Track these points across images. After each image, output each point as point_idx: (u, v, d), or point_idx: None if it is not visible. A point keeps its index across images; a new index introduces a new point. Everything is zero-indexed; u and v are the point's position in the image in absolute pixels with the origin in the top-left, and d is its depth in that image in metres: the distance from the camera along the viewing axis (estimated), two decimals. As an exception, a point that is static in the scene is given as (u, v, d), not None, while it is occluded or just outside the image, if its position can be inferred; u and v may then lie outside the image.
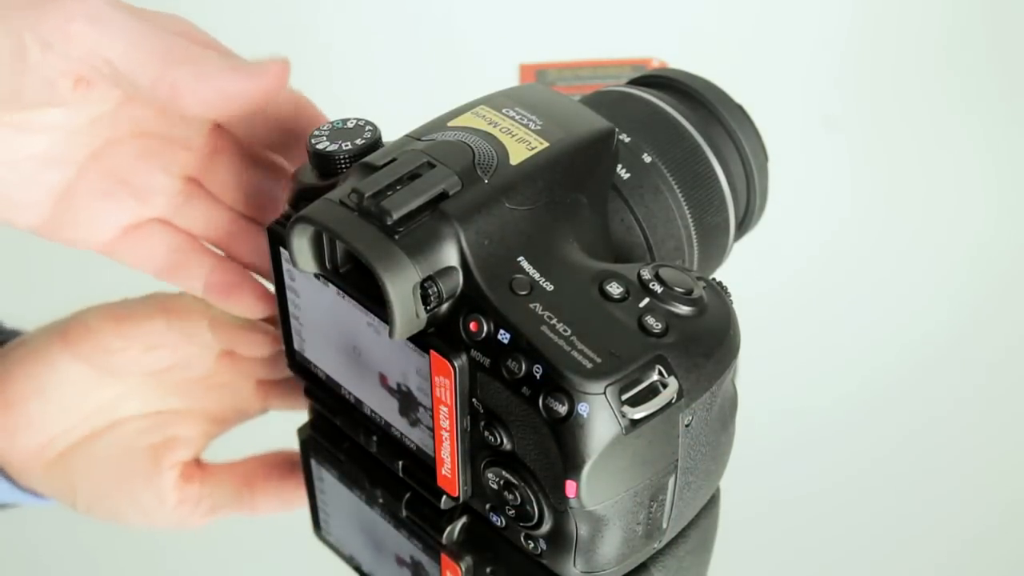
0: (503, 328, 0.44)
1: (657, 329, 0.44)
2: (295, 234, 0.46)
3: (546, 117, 0.48)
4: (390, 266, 0.43)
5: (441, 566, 0.50)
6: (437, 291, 0.44)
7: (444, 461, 0.48)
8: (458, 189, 0.45)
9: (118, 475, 0.54)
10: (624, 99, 0.55)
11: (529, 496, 0.45)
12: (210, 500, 0.54)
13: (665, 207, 0.52)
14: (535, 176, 0.47)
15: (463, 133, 0.47)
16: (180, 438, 0.55)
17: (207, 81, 0.48)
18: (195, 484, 0.54)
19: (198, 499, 0.54)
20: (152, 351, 0.57)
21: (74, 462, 0.54)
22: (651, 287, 0.45)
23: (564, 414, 0.43)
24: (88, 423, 0.55)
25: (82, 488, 0.54)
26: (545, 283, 0.45)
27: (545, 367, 0.43)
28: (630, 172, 0.51)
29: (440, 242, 0.44)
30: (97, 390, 0.56)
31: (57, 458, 0.54)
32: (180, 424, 0.56)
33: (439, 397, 0.46)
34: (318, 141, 0.49)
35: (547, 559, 0.47)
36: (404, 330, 0.44)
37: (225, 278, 0.55)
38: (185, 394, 0.57)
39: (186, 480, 0.54)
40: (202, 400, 0.57)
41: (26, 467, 0.54)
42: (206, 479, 0.54)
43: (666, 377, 0.43)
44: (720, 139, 0.54)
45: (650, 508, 0.46)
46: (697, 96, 0.55)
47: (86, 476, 0.54)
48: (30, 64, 0.47)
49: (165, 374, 0.57)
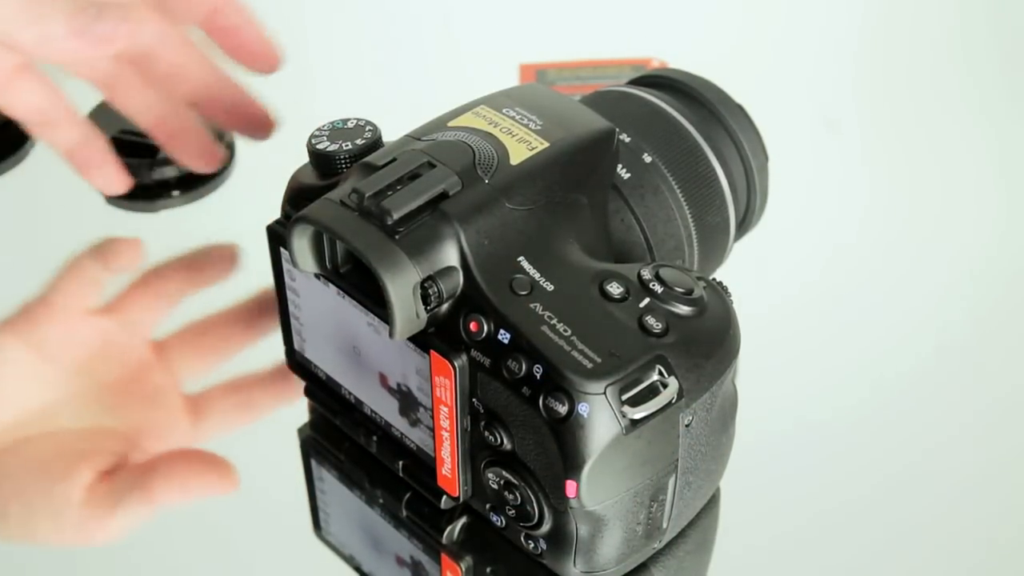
0: (503, 328, 0.44)
1: (657, 329, 0.44)
2: (295, 234, 0.46)
3: (546, 117, 0.48)
4: (390, 266, 0.43)
5: (441, 566, 0.50)
6: (437, 291, 0.44)
7: (444, 461, 0.48)
8: (458, 189, 0.45)
9: (27, 481, 0.53)
10: (624, 99, 0.55)
11: (529, 496, 0.45)
12: (113, 495, 0.52)
13: (665, 207, 0.52)
14: (535, 176, 0.47)
15: (463, 133, 0.47)
16: (102, 451, 0.54)
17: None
18: (102, 484, 0.52)
19: (103, 495, 0.52)
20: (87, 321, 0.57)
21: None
22: (651, 287, 0.45)
23: (564, 414, 0.43)
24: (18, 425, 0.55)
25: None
26: (545, 283, 0.45)
27: (545, 367, 0.43)
28: (630, 172, 0.51)
29: (440, 242, 0.44)
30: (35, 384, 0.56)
31: None
32: (107, 439, 0.55)
33: (439, 397, 0.46)
34: (318, 141, 0.49)
35: (547, 559, 0.47)
36: (404, 330, 0.44)
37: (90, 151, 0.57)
38: (114, 402, 0.56)
39: (94, 483, 0.52)
40: (131, 413, 0.56)
41: None
42: (112, 478, 0.53)
43: (666, 377, 0.43)
44: (720, 139, 0.54)
45: (650, 508, 0.46)
46: (697, 96, 0.55)
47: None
48: None
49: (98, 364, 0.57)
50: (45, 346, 0.58)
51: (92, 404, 0.56)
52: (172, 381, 0.57)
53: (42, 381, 0.57)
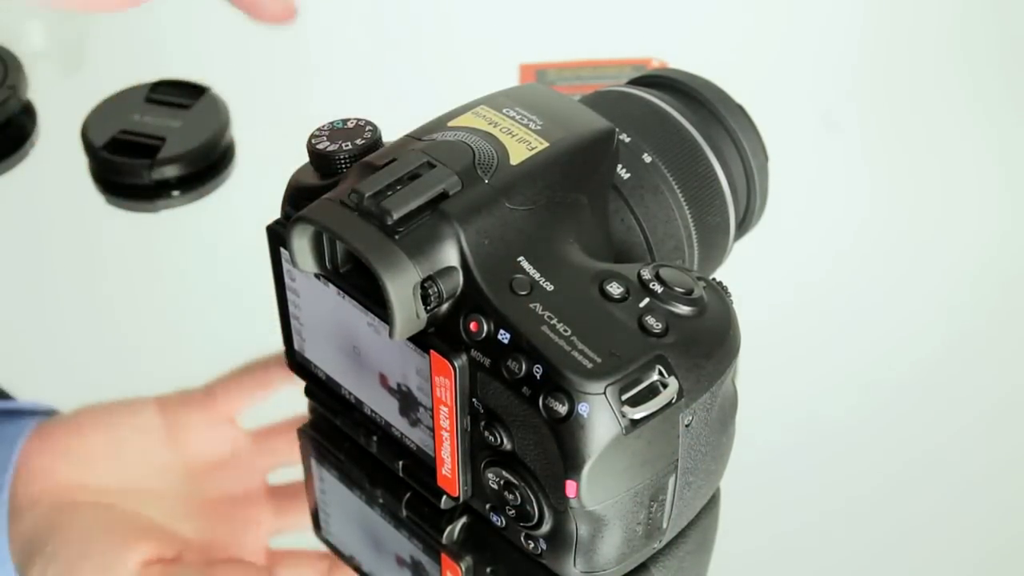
0: (503, 328, 0.44)
1: (657, 329, 0.44)
2: (295, 234, 0.46)
3: (546, 117, 0.48)
4: (390, 266, 0.43)
5: (441, 566, 0.50)
6: (437, 291, 0.44)
7: (444, 461, 0.48)
8: (458, 189, 0.45)
9: (89, 537, 0.52)
10: (624, 99, 0.55)
11: (529, 496, 0.45)
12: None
13: (665, 207, 0.52)
14: (535, 176, 0.47)
15: (463, 133, 0.47)
16: (171, 543, 0.52)
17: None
18: (158, 566, 0.51)
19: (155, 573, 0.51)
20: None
21: (65, 519, 0.52)
22: (651, 287, 0.45)
23: (564, 414, 0.43)
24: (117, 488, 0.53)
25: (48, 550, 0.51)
26: (545, 283, 0.45)
27: (545, 367, 0.43)
28: (630, 172, 0.51)
29: (440, 242, 0.44)
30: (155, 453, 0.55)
31: (61, 505, 0.52)
32: (179, 539, 0.53)
33: (439, 397, 0.46)
34: (318, 141, 0.49)
35: (547, 559, 0.47)
36: (404, 330, 0.44)
37: None
38: (203, 515, 0.54)
39: (150, 562, 0.51)
40: (212, 530, 0.54)
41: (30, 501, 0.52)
42: (170, 566, 0.51)
43: (666, 377, 0.43)
44: (720, 139, 0.54)
45: (650, 508, 0.46)
46: (697, 96, 0.55)
47: (63, 537, 0.52)
48: None
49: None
50: (180, 433, 0.57)
51: (184, 505, 0.54)
52: (265, 527, 0.55)
53: (154, 460, 0.55)
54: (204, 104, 0.70)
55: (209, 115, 0.70)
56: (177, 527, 0.53)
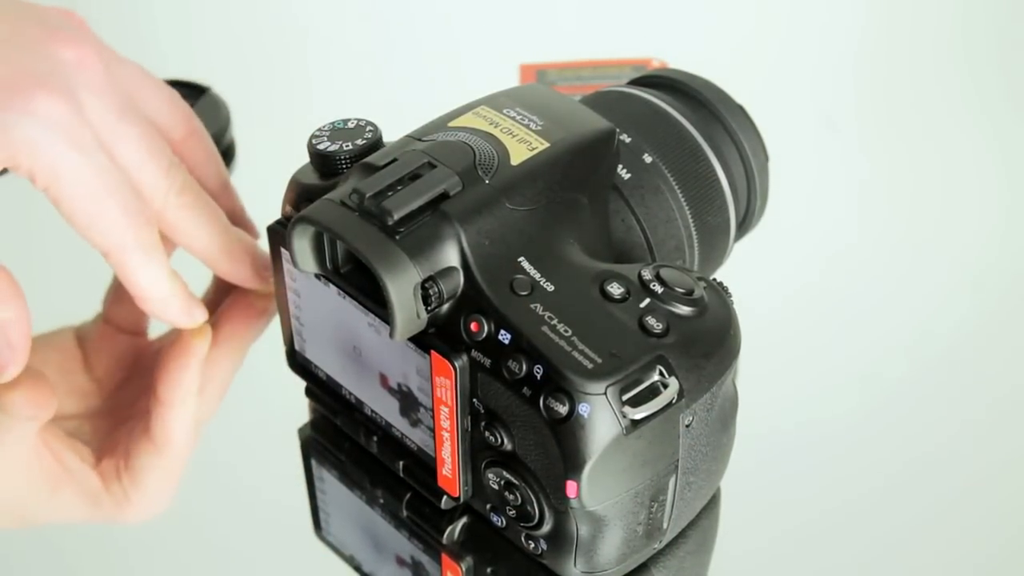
0: (504, 328, 0.44)
1: (658, 329, 0.44)
2: (296, 234, 0.46)
3: (547, 117, 0.48)
4: (391, 266, 0.43)
5: (442, 566, 0.50)
6: (438, 291, 0.44)
7: (445, 461, 0.48)
8: (459, 189, 0.45)
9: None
10: (624, 99, 0.55)
11: (530, 496, 0.45)
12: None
13: (666, 207, 0.52)
14: (536, 176, 0.47)
15: (464, 133, 0.47)
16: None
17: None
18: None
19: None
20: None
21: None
22: (652, 287, 0.45)
23: (565, 414, 0.43)
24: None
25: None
26: (546, 283, 0.45)
27: (546, 367, 0.43)
28: (631, 172, 0.51)
29: (441, 242, 0.44)
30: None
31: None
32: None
33: (440, 397, 0.46)
34: (319, 141, 0.49)
35: (547, 559, 0.47)
36: (405, 330, 0.44)
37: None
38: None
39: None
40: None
41: None
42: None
43: (667, 377, 0.43)
44: (720, 139, 0.55)
45: (651, 508, 0.46)
46: (697, 96, 0.55)
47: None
48: None
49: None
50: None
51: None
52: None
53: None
54: (204, 104, 0.70)
55: (209, 115, 0.69)
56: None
